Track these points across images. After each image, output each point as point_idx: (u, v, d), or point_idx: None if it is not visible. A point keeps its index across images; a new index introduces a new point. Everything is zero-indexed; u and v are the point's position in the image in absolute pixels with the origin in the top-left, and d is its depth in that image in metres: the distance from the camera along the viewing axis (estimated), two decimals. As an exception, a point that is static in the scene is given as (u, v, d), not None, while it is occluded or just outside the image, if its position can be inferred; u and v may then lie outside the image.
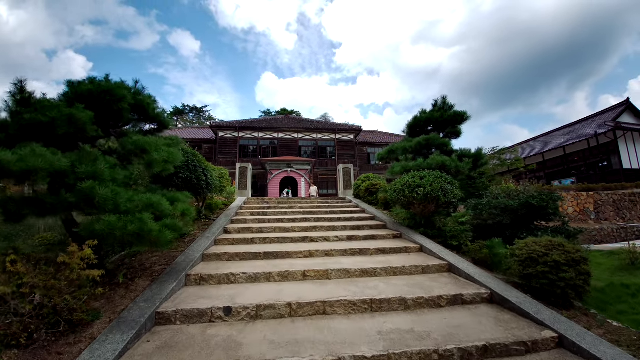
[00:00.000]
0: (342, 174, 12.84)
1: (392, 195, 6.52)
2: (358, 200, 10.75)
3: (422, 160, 6.63)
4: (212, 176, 6.37)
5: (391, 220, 7.63)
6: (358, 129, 27.86)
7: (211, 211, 8.56)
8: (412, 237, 6.08)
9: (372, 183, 10.29)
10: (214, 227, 6.64)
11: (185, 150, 6.00)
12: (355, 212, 9.10)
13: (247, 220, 7.65)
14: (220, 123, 26.65)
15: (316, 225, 7.00)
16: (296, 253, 5.10)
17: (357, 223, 7.52)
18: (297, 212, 8.79)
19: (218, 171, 7.85)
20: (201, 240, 5.61)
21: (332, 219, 7.98)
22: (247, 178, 12.14)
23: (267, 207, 9.54)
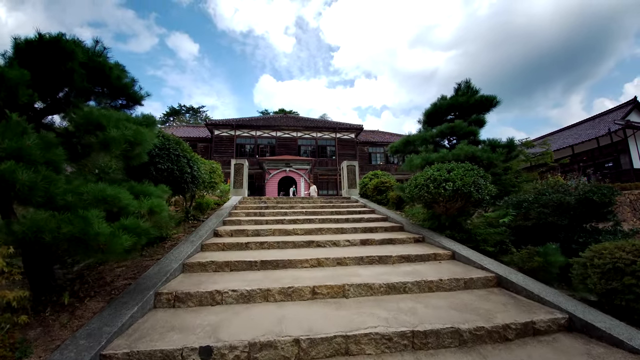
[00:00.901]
0: (345, 172, 11.85)
1: (411, 192, 5.53)
2: (365, 200, 9.75)
3: (447, 152, 5.66)
4: (199, 169, 5.35)
5: (407, 221, 6.64)
6: (359, 127, 26.94)
7: (201, 211, 7.52)
8: (438, 240, 5.09)
9: (380, 181, 9.30)
10: (202, 229, 5.61)
11: (165, 136, 4.97)
12: (364, 212, 8.10)
13: (242, 221, 6.63)
14: (216, 121, 25.61)
15: (322, 228, 5.99)
16: (301, 262, 4.09)
17: (368, 224, 6.51)
18: (299, 213, 7.77)
19: (208, 165, 6.82)
20: (184, 246, 4.58)
21: (339, 220, 6.97)
22: (243, 176, 11.11)
23: (265, 207, 8.51)
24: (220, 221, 6.44)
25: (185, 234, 5.56)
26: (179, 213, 6.41)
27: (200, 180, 5.34)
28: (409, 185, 5.78)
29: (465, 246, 4.81)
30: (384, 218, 7.25)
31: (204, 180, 5.62)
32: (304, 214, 7.77)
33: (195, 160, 5.22)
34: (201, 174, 5.39)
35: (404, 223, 6.44)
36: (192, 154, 5.28)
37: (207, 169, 6.58)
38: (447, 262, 4.41)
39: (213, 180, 6.70)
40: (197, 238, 4.97)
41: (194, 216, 6.82)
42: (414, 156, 6.13)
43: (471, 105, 6.14)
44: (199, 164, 5.47)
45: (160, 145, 4.78)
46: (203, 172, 5.55)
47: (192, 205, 7.40)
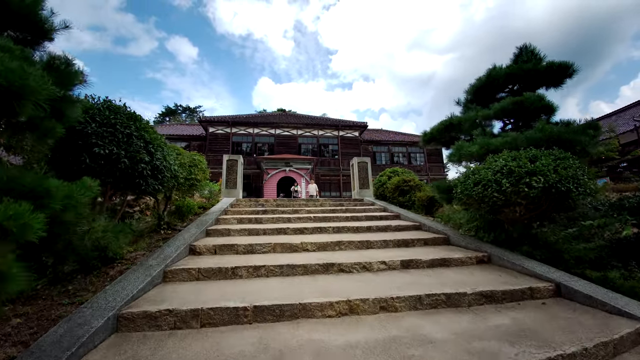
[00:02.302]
0: (356, 170, 10.20)
1: (468, 192, 3.91)
2: (383, 202, 8.11)
3: (517, 135, 4.04)
4: (167, 159, 3.69)
5: (451, 230, 5.00)
6: (363, 125, 25.37)
7: (181, 218, 5.85)
8: (516, 262, 3.46)
9: (402, 179, 7.67)
10: (172, 244, 3.94)
11: (113, 107, 3.33)
12: (387, 217, 6.46)
13: (232, 231, 4.96)
14: (211, 118, 23.95)
15: (340, 240, 4.34)
16: (321, 307, 2.43)
17: (400, 235, 4.86)
18: (306, 219, 6.11)
19: (187, 156, 5.15)
20: (133, 276, 2.91)
21: (360, 229, 5.32)
22: (237, 174, 9.45)
23: (263, 211, 6.84)
24: (202, 231, 4.77)
25: (148, 251, 3.89)
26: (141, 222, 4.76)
27: (169, 174, 3.66)
28: (461, 182, 4.15)
29: (571, 275, 3.17)
30: (416, 226, 5.61)
31: (175, 174, 3.95)
32: (312, 220, 6.11)
33: (159, 144, 3.55)
34: (170, 165, 3.72)
35: (449, 233, 4.80)
36: (156, 135, 3.61)
37: (184, 161, 4.91)
38: (555, 303, 2.77)
39: (193, 177, 5.03)
40: (160, 261, 3.30)
41: (168, 224, 5.15)
42: (463, 143, 4.49)
43: (540, 74, 4.51)
44: (168, 151, 3.80)
45: (102, 120, 3.13)
46: (173, 162, 3.87)
47: (169, 209, 5.72)
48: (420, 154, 27.73)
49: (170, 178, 3.79)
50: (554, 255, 3.66)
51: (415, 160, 27.49)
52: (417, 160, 27.55)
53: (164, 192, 4.94)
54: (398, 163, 26.81)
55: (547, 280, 3.04)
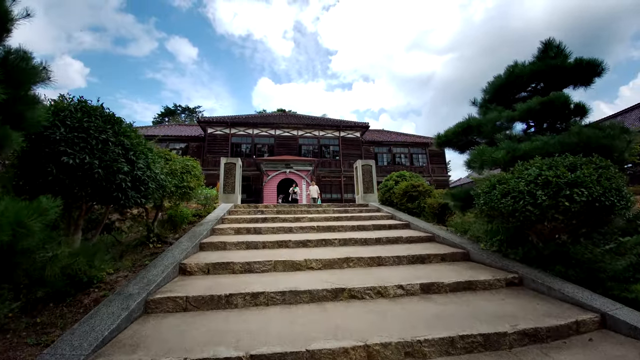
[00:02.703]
0: (360, 173, 9.75)
1: (496, 204, 3.45)
2: (390, 209, 7.65)
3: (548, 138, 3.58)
4: (152, 167, 3.23)
5: (471, 244, 4.54)
6: (365, 125, 24.92)
7: (173, 228, 5.40)
8: (552, 285, 3.02)
9: (411, 184, 7.21)
10: (160, 263, 3.49)
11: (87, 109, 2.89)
12: (396, 227, 6.00)
13: (228, 244, 4.50)
14: (210, 118, 23.50)
15: (349, 257, 3.88)
16: (332, 355, 1.98)
17: (414, 250, 4.42)
18: (309, 229, 5.66)
19: (179, 162, 4.70)
20: (107, 309, 2.45)
21: (369, 241, 4.86)
22: (235, 178, 8.99)
23: (262, 219, 6.39)
24: (195, 245, 4.31)
25: (132, 272, 3.44)
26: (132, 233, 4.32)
27: (154, 185, 3.20)
28: (485, 192, 3.70)
29: (613, 301, 2.73)
30: (429, 237, 5.15)
31: (162, 184, 3.49)
32: (315, 230, 5.66)
33: (142, 151, 3.10)
34: (156, 175, 3.26)
35: (468, 248, 4.35)
36: (139, 140, 3.16)
37: (175, 168, 4.46)
38: (602, 338, 2.31)
39: (186, 185, 4.58)
40: (142, 287, 2.84)
41: (158, 236, 4.70)
42: (485, 148, 4.02)
43: (567, 71, 4.05)
44: (154, 158, 3.35)
45: (73, 124, 2.68)
46: (160, 170, 3.42)
47: (160, 218, 5.27)
48: (423, 155, 27.28)
49: (156, 189, 3.33)
50: (589, 275, 3.21)
51: (417, 161, 27.04)
52: (419, 161, 27.10)
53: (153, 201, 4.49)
54: (400, 164, 26.38)
55: (591, 310, 2.59)
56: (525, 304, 2.86)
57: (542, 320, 2.45)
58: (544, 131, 4.71)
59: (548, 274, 3.35)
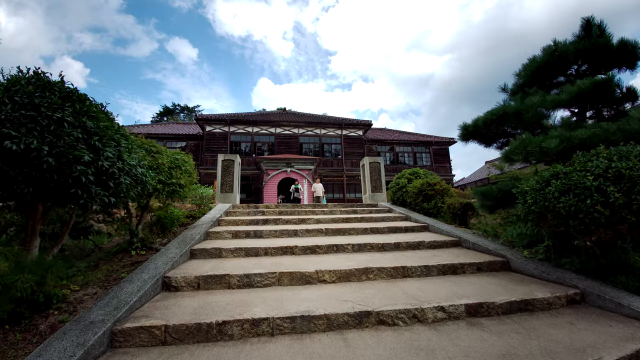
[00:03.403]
0: (368, 171, 9.09)
1: (552, 204, 2.81)
2: (403, 209, 7.00)
3: (608, 125, 2.95)
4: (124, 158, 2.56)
5: (508, 250, 3.90)
6: (367, 123, 24.28)
7: (162, 231, 4.75)
8: (624, 301, 2.38)
9: (427, 182, 6.56)
10: (138, 277, 2.84)
11: (39, 78, 2.24)
12: (413, 229, 5.35)
13: (224, 251, 3.85)
14: (208, 116, 22.83)
15: (368, 267, 3.23)
16: None
17: (441, 257, 3.77)
18: (316, 232, 5.00)
19: (168, 156, 4.04)
20: (57, 346, 1.80)
21: (386, 248, 4.21)
22: (233, 176, 8.33)
23: (263, 221, 5.73)
24: (185, 252, 3.66)
25: (103, 288, 2.79)
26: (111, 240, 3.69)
27: (128, 180, 2.55)
28: (534, 189, 3.05)
29: None
30: (454, 241, 4.50)
31: (142, 179, 2.82)
32: (323, 233, 5.01)
33: (112, 137, 2.44)
34: (131, 168, 2.61)
35: (507, 255, 3.70)
36: (110, 124, 2.51)
37: (162, 162, 3.80)
38: None
39: (175, 182, 3.92)
40: (110, 311, 2.19)
41: (143, 241, 4.05)
42: (530, 137, 3.35)
43: (612, 52, 3.41)
44: (130, 147, 2.69)
45: (22, 100, 2.04)
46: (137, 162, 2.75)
47: (148, 220, 4.63)
48: (426, 154, 26.66)
49: (132, 185, 2.67)
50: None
51: (421, 160, 26.42)
52: (423, 160, 26.47)
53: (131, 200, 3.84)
54: (403, 163, 25.77)
55: None
56: (598, 328, 2.22)
57: (625, 347, 1.82)
58: (587, 119, 4.07)
59: (611, 287, 2.71)
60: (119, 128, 2.67)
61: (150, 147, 3.77)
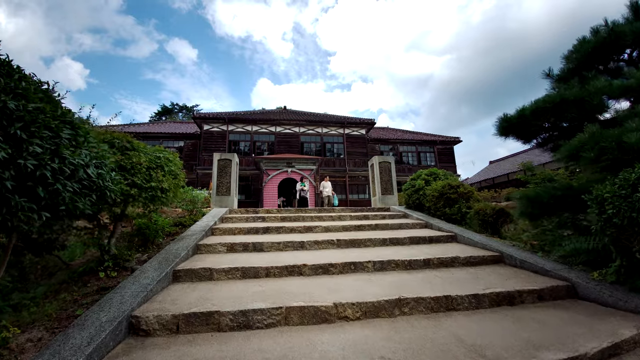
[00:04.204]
0: (377, 172, 8.33)
1: None
2: (420, 214, 6.25)
3: None
4: (63, 154, 1.79)
5: (567, 270, 3.14)
6: (370, 122, 23.54)
7: (144, 244, 4.00)
8: None
9: (449, 184, 5.80)
10: (94, 319, 2.07)
11: None
12: (439, 240, 4.60)
13: (215, 272, 3.09)
14: (206, 114, 22.07)
15: (401, 297, 2.48)
16: None
17: (488, 281, 3.02)
18: (326, 245, 4.25)
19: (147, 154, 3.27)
20: None
21: (415, 265, 3.45)
22: (230, 177, 7.57)
23: (264, 230, 4.97)
24: (167, 275, 2.90)
25: (50, 332, 2.03)
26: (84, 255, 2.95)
27: (76, 186, 1.78)
28: (618, 195, 2.30)
29: None
30: (495, 257, 3.74)
31: (102, 186, 2.06)
32: (334, 245, 4.25)
33: (49, 124, 1.68)
34: (79, 169, 1.84)
35: (572, 278, 2.95)
36: (50, 106, 1.75)
37: (139, 161, 3.04)
38: None
39: (154, 185, 3.15)
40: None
41: (116, 259, 3.29)
42: (602, 130, 2.63)
43: None
44: (76, 139, 1.93)
45: None
46: (88, 160, 1.98)
47: (114, 235, 3.86)
48: (431, 154, 25.94)
49: (82, 193, 1.90)
50: None
51: (425, 160, 25.70)
52: (427, 160, 25.75)
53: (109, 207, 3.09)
54: (407, 163, 25.05)
55: None
56: None
57: None
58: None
59: None
60: (63, 113, 1.91)
61: (121, 142, 3.01)
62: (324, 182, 12.61)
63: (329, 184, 12.62)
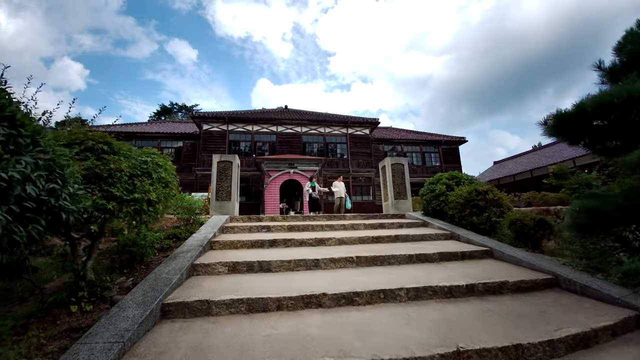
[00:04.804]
0: (390, 174, 7.73)
1: None
2: (441, 222, 5.65)
3: None
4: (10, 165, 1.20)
5: (635, 296, 2.54)
6: (375, 121, 22.93)
7: (130, 263, 3.39)
8: None
9: (476, 189, 5.19)
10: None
11: None
12: (472, 256, 3.99)
13: (214, 306, 2.48)
14: (205, 113, 21.46)
15: (460, 347, 1.89)
16: None
17: (554, 317, 2.42)
18: (344, 263, 3.63)
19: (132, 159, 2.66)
20: None
21: (456, 292, 2.85)
22: (231, 180, 6.96)
23: (270, 243, 4.37)
24: (152, 311, 2.29)
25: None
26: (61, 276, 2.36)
27: None
28: None
29: None
30: (548, 281, 3.14)
31: (54, 206, 1.46)
32: (354, 264, 3.64)
33: None
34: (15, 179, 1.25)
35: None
36: None
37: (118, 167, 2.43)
38: None
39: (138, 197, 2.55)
40: None
41: (93, 286, 2.69)
42: None
43: None
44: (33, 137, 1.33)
45: None
46: (29, 171, 1.38)
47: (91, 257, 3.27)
48: (436, 154, 25.35)
49: (27, 218, 1.30)
50: None
51: (430, 161, 25.11)
52: (432, 161, 25.17)
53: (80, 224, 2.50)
54: (412, 164, 24.41)
55: None
56: None
57: None
58: None
59: None
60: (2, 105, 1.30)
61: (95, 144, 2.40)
62: (336, 182, 11.28)
63: (342, 184, 11.24)
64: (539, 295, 2.93)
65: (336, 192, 11.00)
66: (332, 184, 11.32)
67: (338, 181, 11.38)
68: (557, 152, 23.07)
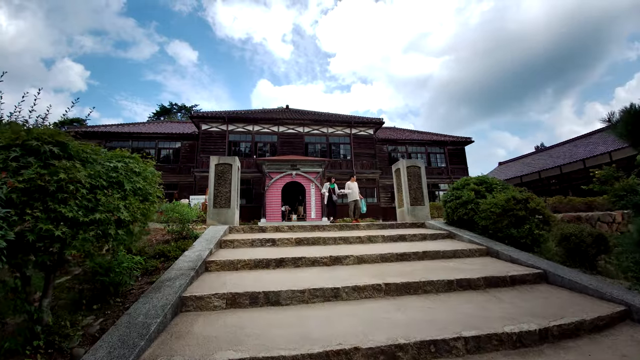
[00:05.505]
0: (405, 178, 7.03)
1: None
2: (470, 234, 4.95)
3: None
4: None
5: None
6: (379, 121, 22.26)
7: (103, 298, 2.68)
8: None
9: (513, 197, 4.49)
10: None
11: None
12: (523, 280, 3.28)
13: (206, 368, 1.79)
14: (204, 113, 20.78)
15: None
16: None
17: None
18: (371, 290, 2.93)
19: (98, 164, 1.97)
20: None
21: (525, 339, 2.15)
22: (231, 185, 6.26)
23: (277, 263, 3.67)
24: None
25: None
26: None
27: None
28: None
29: None
30: (622, 312, 2.45)
31: None
32: (382, 292, 2.94)
33: None
34: None
35: None
36: None
37: (75, 177, 1.73)
38: None
39: (100, 218, 1.86)
40: None
41: (50, 331, 1.99)
42: None
43: None
44: None
45: None
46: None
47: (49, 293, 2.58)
48: (441, 155, 24.66)
49: None
50: None
51: (435, 162, 24.43)
52: (437, 162, 24.49)
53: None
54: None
55: None
56: None
57: None
58: None
59: None
60: None
61: (37, 143, 1.70)
62: (349, 182, 10.28)
63: (356, 185, 10.22)
64: (614, 333, 2.25)
65: (350, 194, 9.98)
66: (345, 185, 10.31)
67: (351, 182, 10.30)
68: (565, 153, 22.40)
